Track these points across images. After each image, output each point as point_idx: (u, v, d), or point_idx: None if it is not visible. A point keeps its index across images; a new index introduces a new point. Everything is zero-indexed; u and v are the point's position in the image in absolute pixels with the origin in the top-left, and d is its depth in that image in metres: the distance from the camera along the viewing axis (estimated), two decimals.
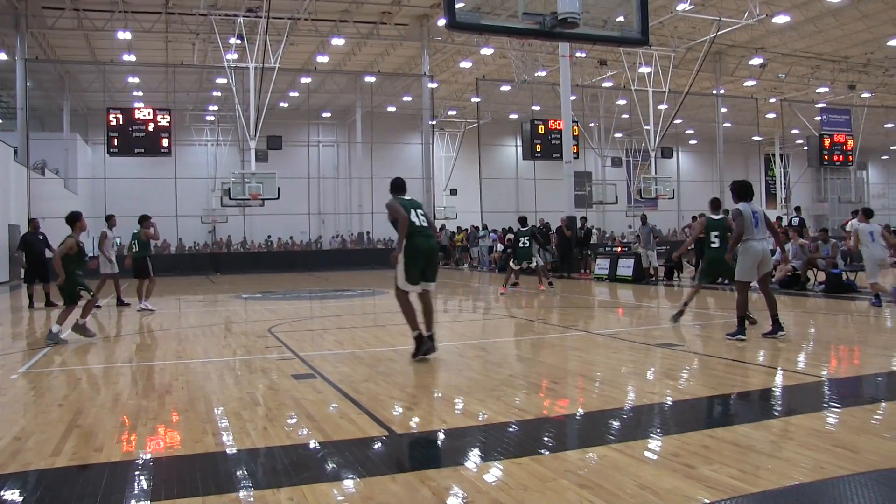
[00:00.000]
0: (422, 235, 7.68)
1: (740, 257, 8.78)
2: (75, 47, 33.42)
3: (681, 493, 3.64)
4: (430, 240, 7.78)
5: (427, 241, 7.72)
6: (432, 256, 7.82)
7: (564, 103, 23.40)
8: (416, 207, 7.83)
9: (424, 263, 7.70)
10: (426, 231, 7.72)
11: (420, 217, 7.73)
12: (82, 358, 8.88)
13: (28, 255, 15.20)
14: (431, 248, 7.80)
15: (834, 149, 35.69)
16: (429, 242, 7.74)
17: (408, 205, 7.80)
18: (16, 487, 4.02)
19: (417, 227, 7.64)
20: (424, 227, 7.70)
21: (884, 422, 5.09)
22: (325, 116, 45.59)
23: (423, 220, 7.75)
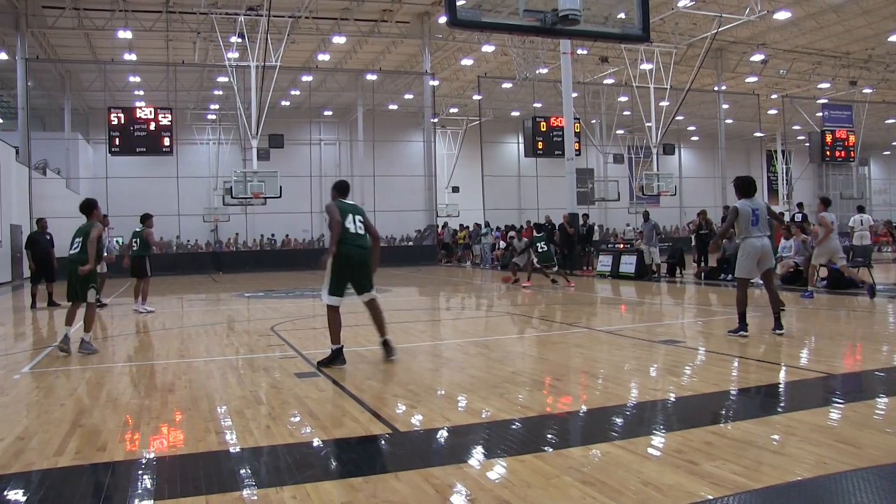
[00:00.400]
0: (353, 245, 7.35)
1: (739, 254, 8.79)
2: (76, 46, 33.44)
3: (684, 489, 3.64)
4: (362, 251, 7.41)
5: (358, 251, 7.38)
6: (361, 268, 7.44)
7: (566, 100, 23.39)
8: (357, 213, 7.52)
9: (352, 274, 7.42)
10: (359, 241, 7.39)
11: (357, 224, 7.42)
12: (85, 358, 8.88)
13: (34, 255, 15.22)
14: (361, 259, 7.42)
15: (835, 145, 35.66)
16: (359, 253, 7.39)
17: (347, 209, 7.50)
18: (19, 487, 4.03)
19: (350, 235, 7.34)
20: (359, 234, 7.40)
21: (886, 417, 5.09)
22: (327, 115, 45.59)
23: (360, 228, 7.43)
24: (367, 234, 7.52)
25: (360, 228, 7.44)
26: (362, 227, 7.49)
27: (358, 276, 7.46)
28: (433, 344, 9.09)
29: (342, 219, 7.35)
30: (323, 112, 44.78)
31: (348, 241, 7.34)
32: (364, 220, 7.55)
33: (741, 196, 8.90)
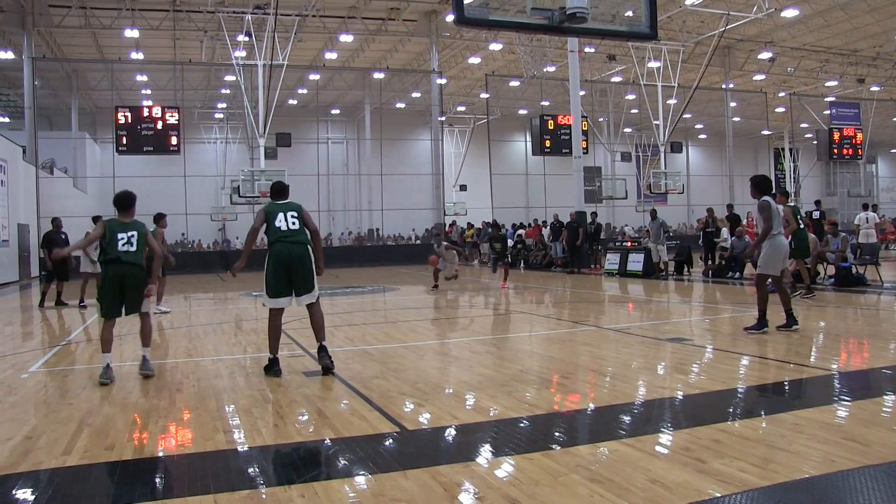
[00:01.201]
0: (285, 242, 6.92)
1: (769, 251, 8.62)
2: (83, 45, 33.52)
3: (692, 487, 3.64)
4: (295, 247, 6.92)
5: (290, 248, 6.90)
6: (296, 266, 6.92)
7: (574, 98, 23.37)
8: (289, 211, 7.06)
9: (288, 274, 6.92)
10: (292, 237, 6.94)
11: (289, 220, 6.98)
12: (93, 357, 8.92)
13: (51, 254, 15.27)
14: (294, 255, 6.90)
15: (843, 143, 35.49)
16: (291, 249, 6.90)
17: (278, 209, 7.07)
18: (28, 486, 4.05)
19: (282, 233, 6.93)
20: (292, 230, 6.96)
21: (893, 414, 5.08)
22: (334, 113, 45.67)
23: (293, 224, 6.99)
24: (303, 228, 7.07)
25: (293, 224, 7.01)
26: (296, 222, 7.04)
27: (294, 275, 6.93)
28: (441, 342, 9.08)
29: (269, 219, 7.02)
30: (330, 110, 44.86)
31: (279, 237, 6.95)
32: (299, 216, 7.09)
33: (762, 193, 8.79)
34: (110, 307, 7.07)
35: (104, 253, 7.08)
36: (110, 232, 7.09)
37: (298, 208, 7.19)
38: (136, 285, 7.09)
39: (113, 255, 7.00)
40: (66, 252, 8.92)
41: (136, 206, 7.52)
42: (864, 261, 15.36)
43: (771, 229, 8.56)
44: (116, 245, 7.02)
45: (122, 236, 7.08)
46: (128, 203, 7.41)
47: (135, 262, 7.07)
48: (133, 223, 7.28)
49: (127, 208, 7.38)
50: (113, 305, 7.07)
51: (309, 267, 7.01)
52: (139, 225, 7.32)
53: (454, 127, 46.69)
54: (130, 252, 7.04)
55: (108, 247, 7.05)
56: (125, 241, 7.07)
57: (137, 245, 7.11)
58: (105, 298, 7.07)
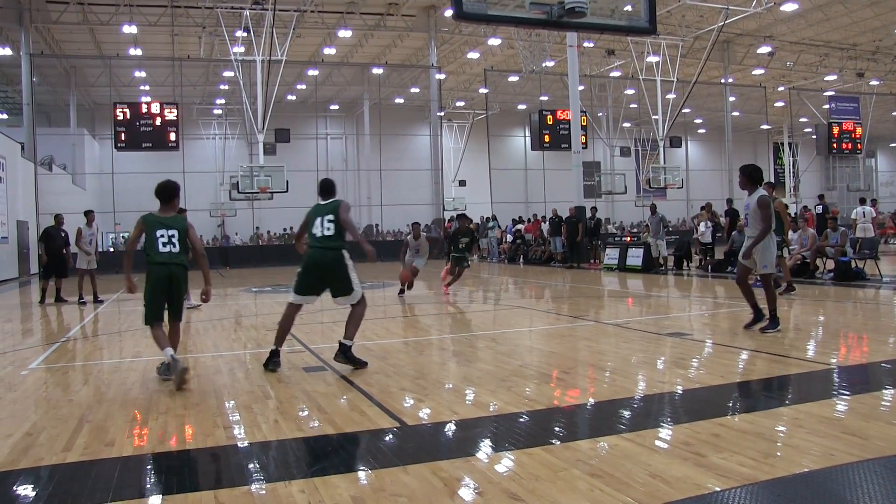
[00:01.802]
0: (317, 248, 6.94)
1: (767, 249, 8.19)
2: (81, 42, 33.47)
3: (692, 481, 3.64)
4: (327, 253, 6.89)
5: (322, 254, 6.91)
6: (326, 273, 6.95)
7: (573, 93, 23.34)
8: (326, 214, 6.99)
9: (319, 278, 6.99)
10: (322, 243, 6.90)
11: (325, 226, 6.94)
12: (92, 353, 8.93)
13: (47, 250, 15.26)
14: (325, 262, 6.92)
15: (842, 137, 35.47)
16: (323, 256, 6.90)
17: (316, 214, 7.08)
18: (28, 483, 4.05)
19: (315, 240, 6.95)
20: (326, 236, 6.91)
21: (893, 408, 5.09)
22: (333, 109, 45.62)
23: (328, 230, 6.92)
24: (338, 232, 6.95)
25: (327, 230, 6.94)
26: (331, 226, 6.94)
27: (328, 281, 7.00)
28: (440, 337, 9.09)
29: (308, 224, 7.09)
30: (329, 106, 44.81)
31: (312, 243, 7.00)
32: (336, 218, 6.95)
33: (755, 185, 8.38)
34: (157, 313, 6.60)
35: (147, 254, 6.54)
36: (149, 229, 6.55)
37: (335, 209, 7.01)
38: (182, 287, 6.68)
39: (156, 258, 6.49)
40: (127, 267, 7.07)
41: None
42: (864, 255, 15.37)
43: (771, 227, 8.14)
44: (157, 246, 6.50)
45: (161, 234, 6.53)
46: (169, 194, 6.82)
47: (181, 262, 6.59)
48: (174, 219, 6.71)
49: (168, 200, 6.79)
50: (159, 311, 6.61)
51: (342, 272, 6.94)
52: (180, 221, 6.74)
53: (453, 122, 46.66)
54: (174, 253, 6.55)
55: (148, 248, 6.53)
56: (166, 240, 6.54)
57: (180, 244, 6.61)
58: (152, 303, 6.57)
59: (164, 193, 6.78)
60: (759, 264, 8.23)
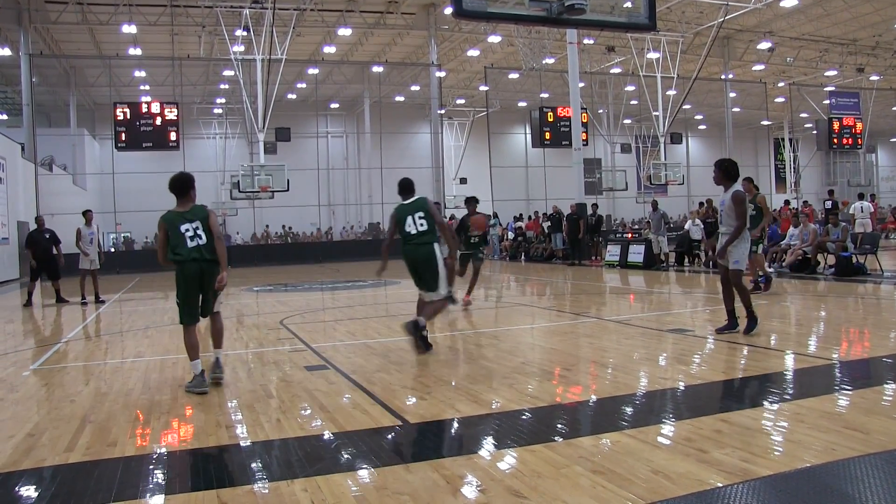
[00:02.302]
0: (408, 244, 7.53)
1: (740, 246, 7.87)
2: (80, 42, 33.42)
3: (694, 477, 3.64)
4: (419, 248, 7.47)
5: (413, 249, 7.50)
6: (421, 267, 7.50)
7: (573, 90, 23.32)
8: (416, 211, 7.56)
9: (416, 272, 7.57)
10: (415, 239, 7.48)
11: (417, 223, 7.49)
12: (94, 354, 8.95)
13: (35, 255, 15.20)
14: (416, 256, 7.50)
15: (843, 132, 35.44)
16: (415, 252, 7.49)
17: (406, 213, 7.61)
18: (31, 483, 4.05)
19: (409, 237, 7.52)
20: (420, 232, 7.47)
21: (894, 403, 5.09)
22: (334, 107, 45.59)
23: (421, 226, 7.47)
24: (431, 227, 7.50)
25: (420, 226, 7.48)
26: (424, 222, 7.48)
27: (422, 273, 7.52)
28: (442, 335, 9.08)
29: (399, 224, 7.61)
30: (329, 105, 44.78)
31: (406, 240, 7.55)
32: (426, 215, 7.52)
33: (731, 181, 8.00)
34: (192, 312, 6.32)
35: (174, 252, 6.20)
36: (172, 228, 6.24)
37: (424, 206, 7.58)
38: (212, 282, 6.27)
39: (185, 254, 6.15)
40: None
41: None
42: (865, 250, 15.37)
43: (745, 224, 7.84)
44: (185, 242, 6.17)
45: (186, 229, 6.21)
46: (184, 187, 6.51)
47: (211, 257, 6.23)
48: (193, 210, 6.36)
49: (184, 193, 6.49)
50: (194, 310, 6.33)
51: (434, 266, 7.41)
52: (200, 210, 6.38)
53: (454, 120, 46.62)
54: (202, 246, 6.18)
55: (176, 246, 6.19)
56: (192, 233, 6.20)
57: (206, 235, 6.23)
58: (185, 302, 6.29)
59: (178, 186, 6.51)
60: (730, 261, 7.86)
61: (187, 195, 6.49)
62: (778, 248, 16.51)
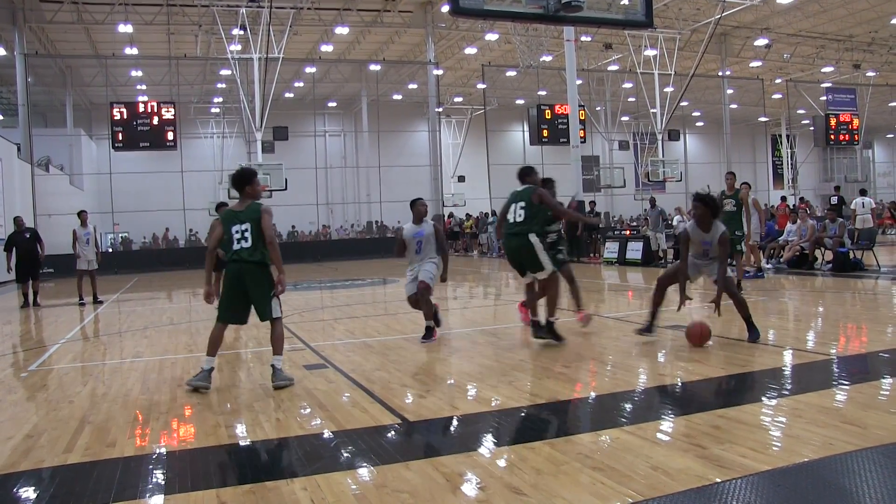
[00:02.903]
0: (507, 234, 7.72)
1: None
2: (76, 41, 33.33)
3: (693, 472, 3.65)
4: (513, 239, 7.63)
5: (507, 239, 7.73)
6: (516, 256, 7.71)
7: (570, 88, 23.29)
8: (520, 202, 7.65)
9: (514, 261, 7.76)
10: (512, 229, 7.62)
11: (517, 213, 7.59)
12: (92, 354, 8.95)
13: (17, 255, 15.13)
14: (512, 247, 7.70)
15: (840, 128, 35.47)
16: (509, 242, 7.72)
17: (511, 202, 7.75)
18: (30, 485, 4.05)
19: (508, 226, 7.68)
20: (517, 223, 7.57)
21: (891, 397, 5.11)
22: (331, 106, 45.55)
23: (520, 217, 7.56)
24: (530, 217, 7.53)
25: (519, 216, 7.55)
26: (522, 213, 7.54)
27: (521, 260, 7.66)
28: (441, 333, 9.09)
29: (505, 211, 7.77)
30: (327, 103, 44.74)
31: (506, 230, 7.74)
32: (528, 204, 7.55)
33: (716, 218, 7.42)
34: (225, 310, 6.29)
35: (224, 250, 6.33)
36: (225, 226, 6.21)
37: (528, 196, 7.58)
38: (258, 285, 6.14)
39: (228, 255, 6.19)
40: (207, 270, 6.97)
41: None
42: (862, 246, 15.39)
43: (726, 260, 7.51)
44: (232, 243, 6.13)
45: (236, 230, 6.14)
46: (241, 182, 6.34)
47: (251, 258, 6.10)
48: (247, 210, 6.19)
49: (240, 188, 6.34)
50: (228, 309, 6.28)
51: (533, 253, 7.50)
52: (252, 211, 6.18)
53: (451, 118, 46.61)
54: (245, 249, 6.10)
55: (224, 245, 6.24)
56: (239, 235, 6.12)
57: (252, 238, 6.10)
58: (222, 302, 6.33)
59: (235, 182, 6.41)
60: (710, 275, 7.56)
61: (243, 191, 6.35)
62: (776, 244, 16.53)
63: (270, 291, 6.17)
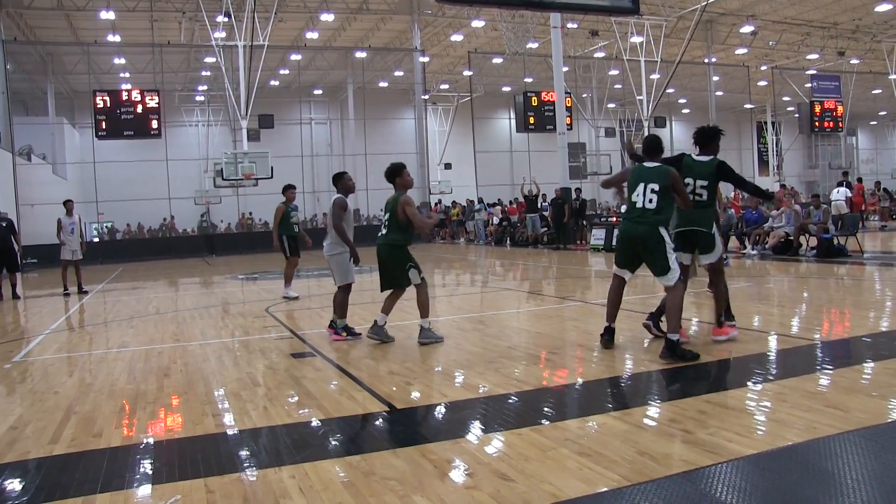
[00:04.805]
0: (630, 219, 6.31)
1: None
2: (57, 28, 32.81)
3: (679, 457, 3.68)
4: (637, 226, 6.20)
5: (631, 227, 6.30)
6: (637, 246, 6.33)
7: (557, 75, 23.29)
8: (651, 182, 6.12)
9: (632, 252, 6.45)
10: (633, 216, 6.23)
11: (647, 197, 6.11)
12: (78, 344, 8.89)
13: None
14: (633, 235, 6.30)
15: (824, 115, 35.70)
16: (635, 230, 6.25)
17: (640, 178, 6.23)
18: (15, 476, 4.03)
19: (634, 211, 6.25)
20: (646, 209, 6.10)
21: (872, 381, 5.16)
22: (317, 93, 45.29)
23: (650, 203, 6.08)
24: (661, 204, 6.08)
25: (649, 202, 6.11)
26: (654, 199, 6.08)
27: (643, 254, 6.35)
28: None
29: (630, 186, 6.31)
30: (313, 91, 44.47)
31: (627, 214, 6.40)
32: (661, 188, 6.07)
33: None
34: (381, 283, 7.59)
35: None
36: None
37: (664, 178, 6.11)
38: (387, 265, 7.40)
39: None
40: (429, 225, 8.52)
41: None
42: (845, 232, 15.52)
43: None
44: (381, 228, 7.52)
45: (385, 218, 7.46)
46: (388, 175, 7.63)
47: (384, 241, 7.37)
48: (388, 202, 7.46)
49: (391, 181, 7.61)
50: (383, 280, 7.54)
51: (662, 249, 6.11)
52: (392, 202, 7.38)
53: (438, 105, 46.45)
54: (382, 234, 7.44)
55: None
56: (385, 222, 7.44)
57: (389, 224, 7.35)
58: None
59: (386, 175, 7.54)
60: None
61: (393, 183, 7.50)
62: (761, 230, 16.63)
63: (404, 262, 7.32)
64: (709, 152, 6.54)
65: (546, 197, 25.63)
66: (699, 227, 6.48)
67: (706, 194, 6.42)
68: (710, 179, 6.40)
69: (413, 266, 7.30)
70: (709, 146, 6.55)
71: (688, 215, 6.48)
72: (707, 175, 6.40)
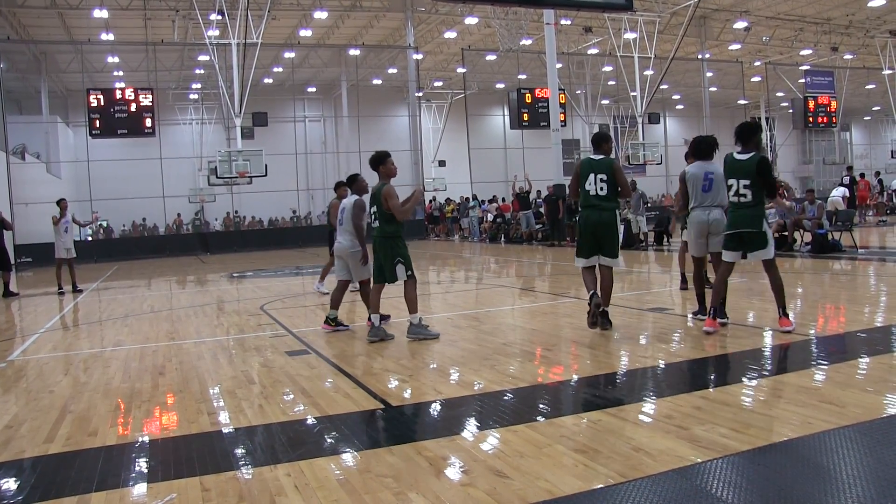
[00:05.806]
0: (588, 207, 6.96)
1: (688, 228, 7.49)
2: (50, 27, 32.64)
3: (674, 453, 3.69)
4: (602, 213, 6.89)
5: (595, 214, 6.92)
6: (597, 231, 6.94)
7: (550, 71, 23.28)
8: (600, 172, 6.89)
9: (594, 237, 6.98)
10: (592, 201, 6.90)
11: (598, 185, 6.87)
12: (73, 343, 8.87)
13: None
14: (596, 221, 6.94)
15: (818, 111, 35.73)
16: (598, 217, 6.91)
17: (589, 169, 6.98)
18: (10, 476, 4.02)
19: (590, 198, 6.94)
20: (599, 196, 6.87)
21: (867, 376, 5.18)
22: (311, 91, 45.20)
23: (601, 189, 6.85)
24: (612, 192, 6.89)
25: (601, 189, 6.87)
26: (605, 186, 6.86)
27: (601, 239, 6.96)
28: (423, 318, 9.11)
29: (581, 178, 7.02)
30: (306, 89, 44.39)
31: (586, 202, 6.99)
32: (609, 177, 6.87)
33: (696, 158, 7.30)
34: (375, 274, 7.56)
35: None
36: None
37: (609, 168, 6.92)
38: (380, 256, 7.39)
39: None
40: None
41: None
42: (839, 227, 15.57)
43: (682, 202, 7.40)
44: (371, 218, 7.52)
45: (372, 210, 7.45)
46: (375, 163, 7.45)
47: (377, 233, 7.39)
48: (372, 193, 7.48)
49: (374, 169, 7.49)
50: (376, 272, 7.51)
51: (615, 233, 7.02)
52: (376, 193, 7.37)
53: (431, 102, 46.40)
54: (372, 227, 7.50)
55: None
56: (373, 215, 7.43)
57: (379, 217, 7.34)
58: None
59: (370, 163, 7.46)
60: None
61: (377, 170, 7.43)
62: None
63: (394, 256, 7.25)
64: (750, 149, 6.53)
65: (540, 193, 25.64)
66: (748, 229, 6.51)
67: (750, 194, 6.40)
68: (753, 178, 6.39)
69: (401, 262, 7.26)
70: (750, 142, 6.55)
71: (736, 218, 6.53)
72: (748, 174, 6.40)
